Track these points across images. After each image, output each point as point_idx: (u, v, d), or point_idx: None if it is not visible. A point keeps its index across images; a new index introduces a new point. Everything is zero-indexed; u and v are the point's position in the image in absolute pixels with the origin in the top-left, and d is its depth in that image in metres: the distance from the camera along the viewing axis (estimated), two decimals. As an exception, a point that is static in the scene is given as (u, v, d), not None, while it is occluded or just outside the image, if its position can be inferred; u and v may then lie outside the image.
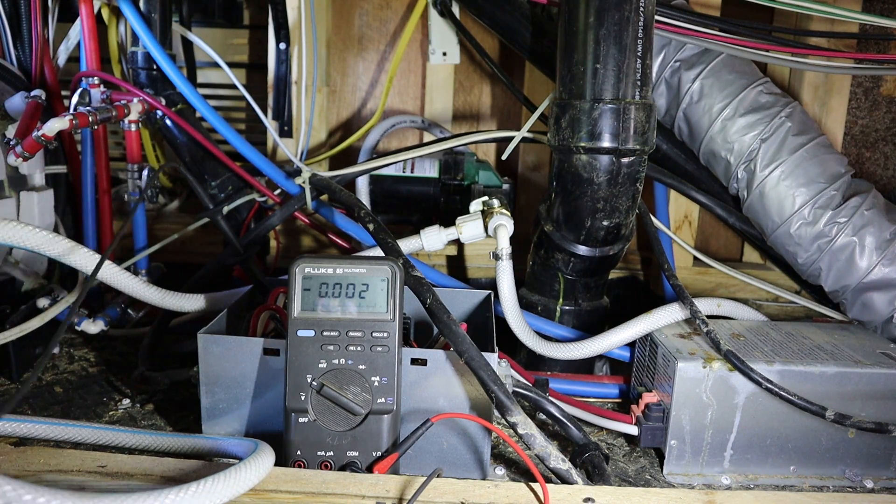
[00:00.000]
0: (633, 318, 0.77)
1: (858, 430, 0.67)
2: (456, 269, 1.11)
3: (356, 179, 1.06)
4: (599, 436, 0.75)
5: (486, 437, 0.64)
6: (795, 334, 0.76)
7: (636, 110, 0.71)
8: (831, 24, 0.96)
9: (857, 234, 0.82)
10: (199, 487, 0.46)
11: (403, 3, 1.24)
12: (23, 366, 0.84)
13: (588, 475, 0.62)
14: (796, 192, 0.85)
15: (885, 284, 0.82)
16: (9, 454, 0.58)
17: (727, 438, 0.67)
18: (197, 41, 1.06)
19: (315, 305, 0.60)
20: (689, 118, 0.91)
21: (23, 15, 0.90)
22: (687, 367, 0.66)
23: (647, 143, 0.73)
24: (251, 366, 0.64)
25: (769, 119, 0.86)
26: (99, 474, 0.55)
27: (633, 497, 0.55)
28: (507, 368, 0.65)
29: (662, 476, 0.68)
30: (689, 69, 0.89)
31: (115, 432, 0.65)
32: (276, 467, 0.55)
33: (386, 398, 0.59)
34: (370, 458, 0.58)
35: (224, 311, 0.72)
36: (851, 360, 0.68)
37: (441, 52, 1.18)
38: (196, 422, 0.68)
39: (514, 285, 0.80)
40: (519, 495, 0.55)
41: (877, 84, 1.10)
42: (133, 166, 0.96)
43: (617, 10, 0.70)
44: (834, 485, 0.68)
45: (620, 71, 0.71)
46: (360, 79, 1.29)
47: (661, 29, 0.86)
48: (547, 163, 1.19)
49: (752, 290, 1.07)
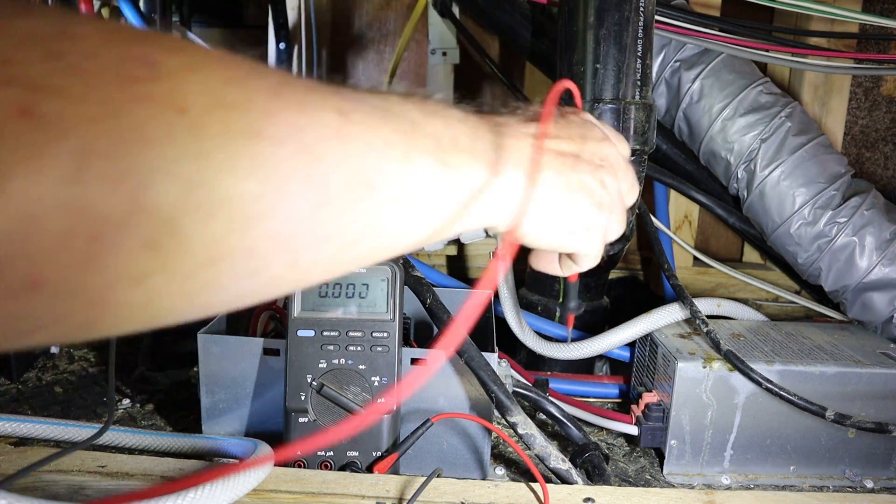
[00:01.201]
0: (633, 318, 0.77)
1: (858, 430, 0.67)
2: (456, 269, 1.11)
3: (356, 179, 1.06)
4: (599, 436, 0.75)
5: (486, 437, 0.64)
6: (795, 334, 0.76)
7: (636, 110, 0.71)
8: (831, 24, 0.96)
9: (857, 234, 0.82)
10: (196, 493, 0.46)
11: (403, 3, 1.24)
12: (23, 366, 0.84)
13: (588, 475, 0.62)
14: (796, 192, 0.85)
15: (885, 284, 0.82)
16: (9, 454, 0.58)
17: (727, 438, 0.67)
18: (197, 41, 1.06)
19: (315, 305, 0.60)
20: (689, 118, 0.91)
21: (23, 15, 0.90)
22: (687, 367, 0.66)
23: (647, 143, 0.73)
24: (251, 366, 0.64)
25: (769, 119, 0.86)
26: (99, 474, 0.55)
27: (633, 497, 0.55)
28: (507, 368, 0.65)
29: (662, 476, 0.68)
30: (689, 69, 0.89)
31: (115, 432, 0.65)
32: (276, 467, 0.55)
33: (386, 398, 0.59)
34: (370, 458, 0.58)
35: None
36: (851, 360, 0.68)
37: (441, 52, 1.18)
38: (196, 422, 0.68)
39: (514, 285, 0.80)
40: (519, 495, 0.55)
41: (877, 84, 1.10)
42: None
43: (617, 10, 0.70)
44: (834, 485, 0.68)
45: (620, 71, 0.71)
46: (360, 79, 1.29)
47: (661, 29, 0.86)
48: (547, 163, 1.19)
49: (752, 290, 1.07)
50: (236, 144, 0.25)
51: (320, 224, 0.28)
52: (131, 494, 0.50)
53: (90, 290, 0.23)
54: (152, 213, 0.23)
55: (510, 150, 0.38)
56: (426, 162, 0.32)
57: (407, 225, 0.33)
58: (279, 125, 0.26)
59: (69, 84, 0.21)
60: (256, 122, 0.25)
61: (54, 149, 0.21)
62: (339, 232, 0.29)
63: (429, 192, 0.33)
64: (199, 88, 0.24)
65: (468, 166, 0.35)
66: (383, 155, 0.30)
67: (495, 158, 0.36)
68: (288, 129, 0.26)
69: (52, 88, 0.21)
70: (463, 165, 0.34)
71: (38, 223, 0.21)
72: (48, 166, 0.21)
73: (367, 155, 0.30)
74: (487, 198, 0.36)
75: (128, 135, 0.22)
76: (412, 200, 0.32)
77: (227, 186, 0.24)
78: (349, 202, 0.29)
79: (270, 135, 0.26)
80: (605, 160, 0.43)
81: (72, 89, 0.21)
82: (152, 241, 0.23)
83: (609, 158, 0.44)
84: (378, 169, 0.30)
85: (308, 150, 0.27)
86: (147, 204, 0.23)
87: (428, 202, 0.33)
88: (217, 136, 0.24)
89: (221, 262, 0.26)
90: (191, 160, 0.23)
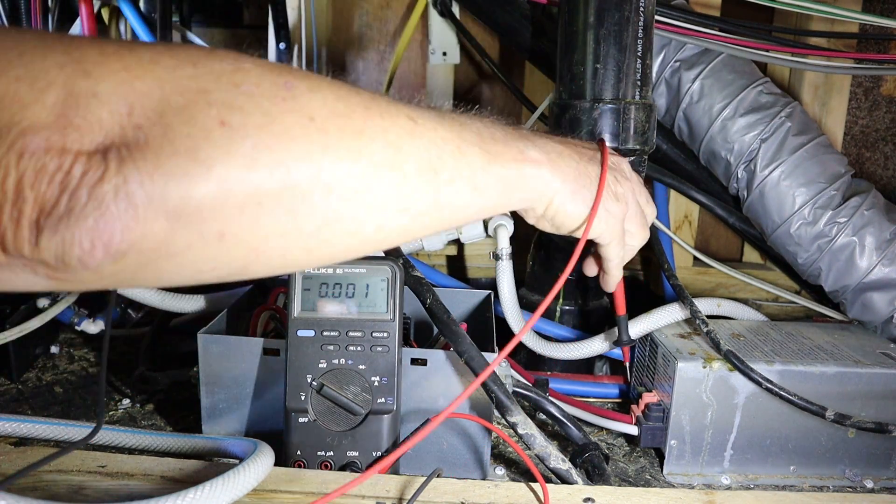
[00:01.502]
0: (633, 318, 0.77)
1: (858, 430, 0.67)
2: (456, 269, 1.11)
3: (356, 179, 1.06)
4: (599, 436, 0.75)
5: (486, 437, 0.64)
6: (795, 334, 0.76)
7: (636, 110, 0.71)
8: (831, 24, 0.96)
9: (857, 234, 0.82)
10: (196, 493, 0.46)
11: (403, 3, 1.24)
12: (23, 366, 0.84)
13: (588, 475, 0.62)
14: (796, 191, 0.85)
15: (885, 284, 0.82)
16: (9, 454, 0.58)
17: (727, 438, 0.67)
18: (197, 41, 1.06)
19: (315, 305, 0.60)
20: (689, 118, 0.91)
21: (23, 15, 0.90)
22: (687, 367, 0.66)
23: (647, 143, 0.73)
24: (251, 366, 0.64)
25: (769, 119, 0.86)
26: (99, 474, 0.55)
27: (633, 497, 0.55)
28: (507, 368, 0.65)
29: (662, 476, 0.68)
30: (689, 69, 0.89)
31: (115, 432, 0.65)
32: (276, 467, 0.55)
33: (386, 398, 0.59)
34: (370, 458, 0.58)
35: (224, 311, 0.72)
36: (851, 360, 0.68)
37: (441, 52, 1.18)
38: (196, 422, 0.68)
39: (514, 285, 0.80)
40: (519, 495, 0.55)
41: (877, 84, 1.10)
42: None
43: (617, 10, 0.70)
44: (834, 485, 0.68)
45: (620, 71, 0.71)
46: (360, 79, 1.29)
47: (661, 29, 0.86)
48: (547, 163, 1.19)
49: (752, 290, 1.07)
50: (347, 141, 0.36)
51: (400, 198, 0.39)
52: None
53: (252, 240, 0.35)
54: (295, 189, 0.35)
55: (538, 146, 0.49)
56: (473, 151, 0.44)
57: (463, 200, 0.44)
58: (372, 127, 0.38)
59: (245, 104, 0.33)
60: (358, 126, 0.37)
61: (239, 146, 0.33)
62: (413, 204, 0.40)
63: (477, 173, 0.44)
64: (321, 104, 0.36)
65: (505, 154, 0.46)
66: (441, 147, 0.42)
67: (523, 148, 0.48)
68: (377, 130, 0.38)
69: (236, 107, 0.33)
70: (501, 153, 0.46)
71: (227, 195, 0.33)
72: (236, 158, 0.32)
73: (430, 148, 0.41)
74: (524, 178, 0.47)
75: (281, 136, 0.34)
76: (465, 181, 0.43)
77: (341, 169, 0.36)
78: (419, 182, 0.40)
79: (367, 134, 0.37)
80: (620, 171, 0.56)
81: (246, 107, 0.33)
82: (293, 208, 0.35)
83: (624, 171, 0.57)
84: (439, 157, 0.41)
85: (391, 144, 0.39)
86: (291, 182, 0.34)
87: (476, 181, 0.44)
88: (334, 135, 0.36)
89: (335, 224, 0.37)
90: (319, 152, 0.35)
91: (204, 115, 0.32)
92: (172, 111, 0.32)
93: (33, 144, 0.29)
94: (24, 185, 0.29)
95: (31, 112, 0.30)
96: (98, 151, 0.30)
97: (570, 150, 0.52)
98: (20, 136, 0.29)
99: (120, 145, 0.31)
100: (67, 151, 0.30)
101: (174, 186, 0.31)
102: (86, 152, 0.30)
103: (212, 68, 0.34)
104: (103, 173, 0.30)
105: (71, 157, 0.30)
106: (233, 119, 0.33)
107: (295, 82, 0.35)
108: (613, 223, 0.54)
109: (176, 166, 0.31)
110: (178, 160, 0.31)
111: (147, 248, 0.32)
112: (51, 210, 0.29)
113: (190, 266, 0.34)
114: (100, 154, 0.30)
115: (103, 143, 0.30)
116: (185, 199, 0.32)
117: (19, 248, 0.30)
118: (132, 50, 0.33)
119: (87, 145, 0.30)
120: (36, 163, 0.29)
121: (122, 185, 0.30)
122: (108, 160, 0.30)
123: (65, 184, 0.29)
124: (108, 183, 0.30)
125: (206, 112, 0.32)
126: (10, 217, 0.29)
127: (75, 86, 0.31)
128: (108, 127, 0.31)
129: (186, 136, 0.31)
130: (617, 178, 0.55)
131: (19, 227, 0.30)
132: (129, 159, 0.30)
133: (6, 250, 0.30)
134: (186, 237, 0.33)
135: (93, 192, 0.30)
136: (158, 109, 0.32)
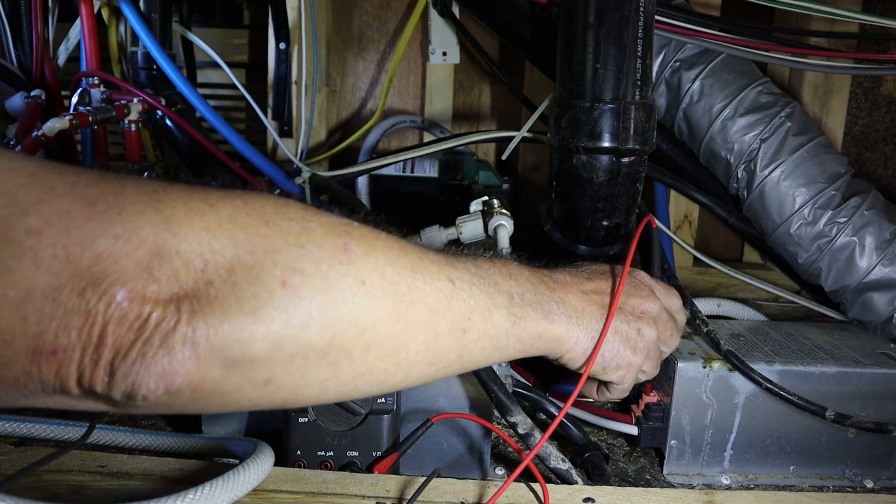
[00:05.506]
0: (633, 318, 0.77)
1: (858, 430, 0.67)
2: (456, 269, 1.10)
3: (356, 179, 1.06)
4: (599, 436, 0.75)
5: (486, 437, 0.64)
6: (795, 334, 0.76)
7: (636, 110, 0.71)
8: (831, 24, 0.96)
9: (857, 234, 0.82)
10: (196, 494, 0.46)
11: (403, 3, 1.24)
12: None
13: (588, 475, 0.62)
14: (796, 191, 0.85)
15: (885, 284, 0.82)
16: (9, 454, 0.58)
17: (727, 438, 0.67)
18: (197, 41, 1.06)
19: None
20: (689, 118, 0.91)
21: (23, 15, 0.90)
22: (687, 367, 0.66)
23: (647, 143, 0.73)
24: (251, 366, 0.64)
25: (769, 119, 0.86)
26: (99, 474, 0.55)
27: (633, 497, 0.55)
28: (507, 368, 0.65)
29: (662, 476, 0.68)
30: (689, 69, 0.89)
31: (115, 432, 0.65)
32: (276, 467, 0.55)
33: (386, 398, 0.58)
34: (370, 458, 0.58)
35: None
36: (851, 360, 0.68)
37: (441, 52, 1.18)
38: (196, 422, 0.68)
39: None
40: (519, 495, 0.55)
41: (877, 84, 1.10)
42: (133, 166, 0.96)
43: (617, 10, 0.70)
44: (834, 485, 0.68)
45: (620, 71, 0.71)
46: (360, 78, 1.29)
47: (661, 29, 0.86)
48: (547, 163, 1.19)
49: (752, 290, 1.07)
50: (392, 306, 0.41)
51: (429, 354, 0.44)
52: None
53: (294, 387, 0.39)
54: (339, 346, 0.39)
55: (563, 303, 0.53)
56: (501, 314, 0.48)
57: (484, 357, 0.48)
58: (415, 292, 0.42)
59: (307, 266, 0.37)
60: (402, 292, 0.41)
61: (296, 307, 0.36)
62: (440, 360, 0.45)
63: (500, 335, 0.48)
64: (372, 268, 0.40)
65: (530, 317, 0.50)
66: (473, 309, 0.46)
67: (549, 310, 0.51)
68: (419, 294, 0.42)
69: (297, 269, 0.37)
70: (527, 316, 0.49)
71: (280, 349, 0.36)
72: (293, 318, 0.36)
73: (462, 310, 0.45)
74: (542, 339, 0.51)
75: (335, 299, 0.38)
76: (489, 340, 0.47)
77: (381, 332, 0.40)
78: (449, 341, 0.45)
79: (409, 299, 0.42)
80: (644, 313, 0.57)
81: (307, 269, 0.37)
82: (335, 361, 0.39)
83: (649, 312, 0.57)
84: (469, 318, 0.45)
85: (429, 308, 0.43)
86: (337, 341, 0.38)
87: (499, 342, 0.48)
88: (380, 301, 0.40)
89: (368, 375, 0.41)
90: (365, 315, 0.39)
91: (269, 274, 0.36)
92: (242, 269, 0.35)
93: (119, 295, 0.32)
94: (107, 331, 0.32)
95: (122, 266, 0.32)
96: (172, 301, 0.33)
97: (594, 306, 0.54)
98: (110, 287, 0.32)
99: (192, 298, 0.34)
100: (147, 301, 0.32)
101: (235, 339, 0.34)
102: (162, 301, 0.33)
103: (281, 227, 0.37)
104: (175, 324, 0.33)
105: (149, 306, 0.32)
106: (294, 280, 0.36)
107: (352, 244, 0.39)
108: (627, 377, 0.57)
109: (239, 322, 0.34)
110: (242, 318, 0.35)
111: (201, 388, 0.35)
112: (126, 353, 0.32)
113: (234, 404, 0.38)
114: (174, 304, 0.33)
115: (177, 294, 0.33)
116: (242, 350, 0.35)
117: (93, 386, 0.33)
118: (214, 206, 0.36)
119: (163, 295, 0.33)
120: (120, 311, 0.32)
121: (191, 334, 0.33)
122: (181, 311, 0.33)
123: (141, 330, 0.32)
124: (179, 333, 0.33)
125: (272, 272, 0.36)
126: (90, 359, 0.32)
127: (163, 244, 0.33)
128: (183, 280, 0.34)
129: (252, 296, 0.35)
130: (640, 318, 0.56)
131: (97, 368, 0.32)
132: (199, 312, 0.33)
133: (81, 386, 0.33)
134: (237, 381, 0.36)
135: (165, 339, 0.33)
136: (229, 267, 0.35)
